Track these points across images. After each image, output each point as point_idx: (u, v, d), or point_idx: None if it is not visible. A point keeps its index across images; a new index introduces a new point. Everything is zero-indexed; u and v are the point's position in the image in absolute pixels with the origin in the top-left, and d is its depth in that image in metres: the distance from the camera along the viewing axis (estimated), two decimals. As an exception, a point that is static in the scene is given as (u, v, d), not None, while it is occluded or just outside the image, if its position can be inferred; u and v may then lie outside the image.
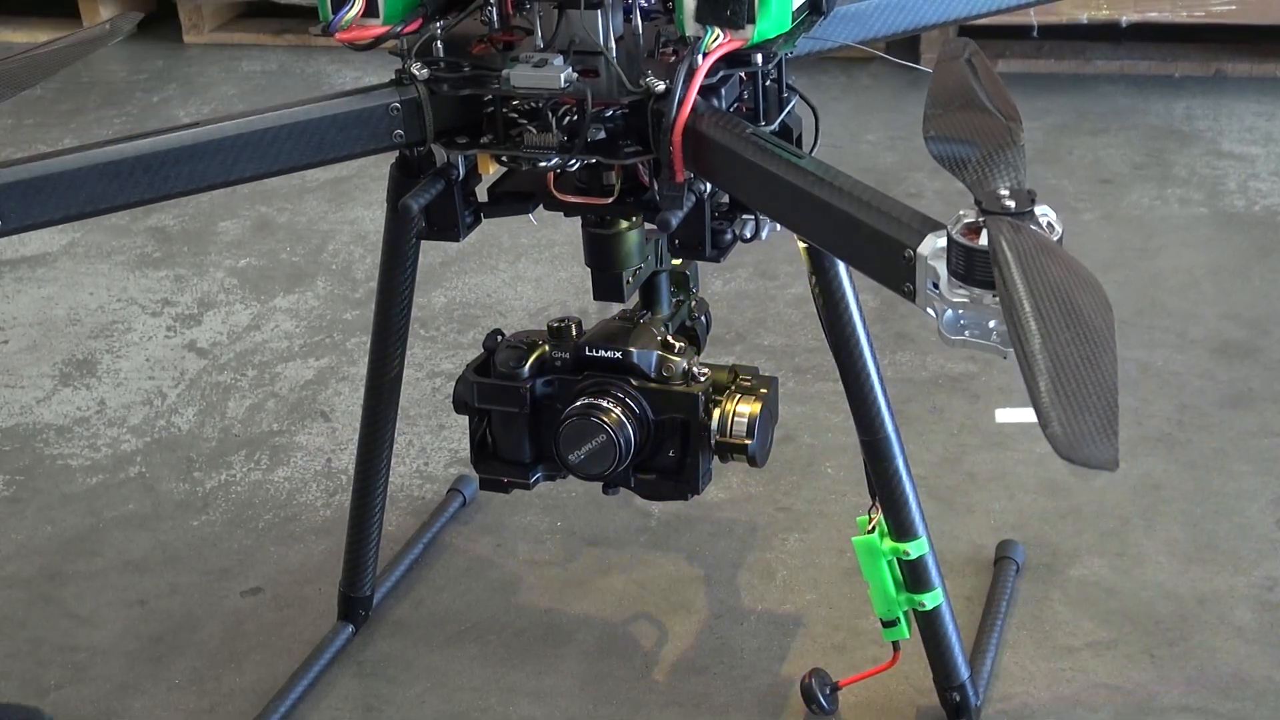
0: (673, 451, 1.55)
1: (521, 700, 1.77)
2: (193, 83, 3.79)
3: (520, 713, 1.75)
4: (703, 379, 1.53)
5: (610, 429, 1.50)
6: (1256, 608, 1.84)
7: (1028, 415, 2.22)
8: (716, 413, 1.53)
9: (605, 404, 1.51)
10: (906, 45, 3.53)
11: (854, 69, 3.60)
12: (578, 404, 1.52)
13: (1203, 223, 2.79)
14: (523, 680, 1.80)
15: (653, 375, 1.53)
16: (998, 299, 1.07)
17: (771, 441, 1.57)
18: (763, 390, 1.54)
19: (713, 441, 1.53)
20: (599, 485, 1.58)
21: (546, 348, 1.56)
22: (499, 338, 1.59)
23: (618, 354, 1.54)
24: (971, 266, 1.11)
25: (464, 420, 1.62)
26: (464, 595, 1.94)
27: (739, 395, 1.54)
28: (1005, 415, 2.25)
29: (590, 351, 1.54)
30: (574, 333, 1.56)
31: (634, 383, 1.53)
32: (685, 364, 1.54)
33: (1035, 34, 3.45)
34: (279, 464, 2.23)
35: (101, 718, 1.78)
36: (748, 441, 1.53)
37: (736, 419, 1.53)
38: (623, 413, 1.51)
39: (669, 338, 1.56)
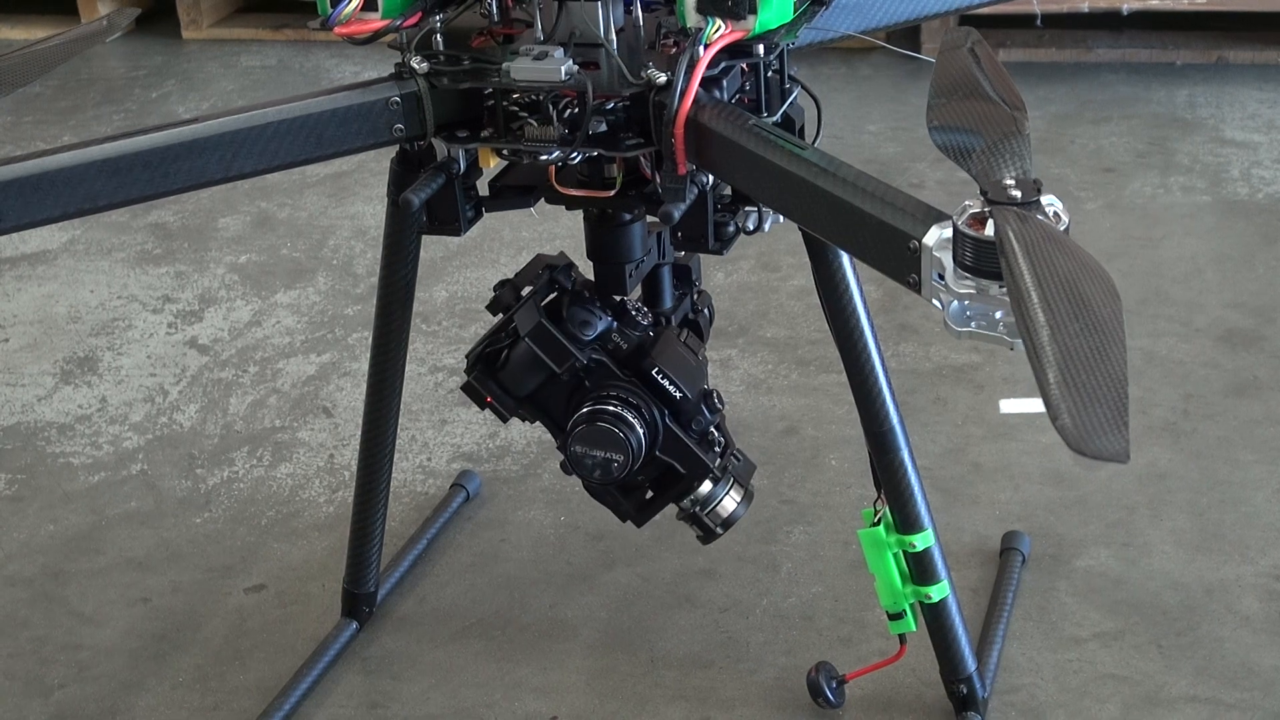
0: (642, 477, 1.54)
1: (527, 696, 1.77)
2: (191, 79, 3.79)
3: (526, 708, 1.75)
4: (717, 448, 1.54)
5: (631, 451, 1.49)
6: (1264, 597, 1.84)
7: (1032, 405, 2.22)
8: (707, 485, 1.54)
9: (637, 425, 1.50)
10: (907, 35, 3.52)
11: (854, 59, 3.59)
12: (611, 409, 1.50)
13: (1206, 211, 2.78)
14: (528, 676, 1.79)
15: (681, 419, 1.53)
16: (1004, 290, 1.06)
17: None
18: (749, 482, 1.57)
19: (691, 501, 1.54)
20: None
21: (615, 324, 1.53)
22: (573, 272, 1.55)
23: (679, 393, 1.52)
24: (978, 257, 1.10)
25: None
26: (468, 591, 1.94)
27: (734, 481, 1.55)
28: (1010, 406, 2.24)
29: (656, 375, 1.52)
30: (641, 319, 1.54)
31: (666, 416, 1.52)
32: (712, 420, 1.54)
33: (1039, 23, 3.44)
34: (281, 460, 2.23)
35: (105, 716, 1.78)
36: (719, 531, 1.56)
37: (720, 509, 1.55)
38: (645, 438, 1.50)
39: (715, 394, 1.55)
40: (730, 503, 1.55)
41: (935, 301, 1.15)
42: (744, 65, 1.40)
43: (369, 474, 1.75)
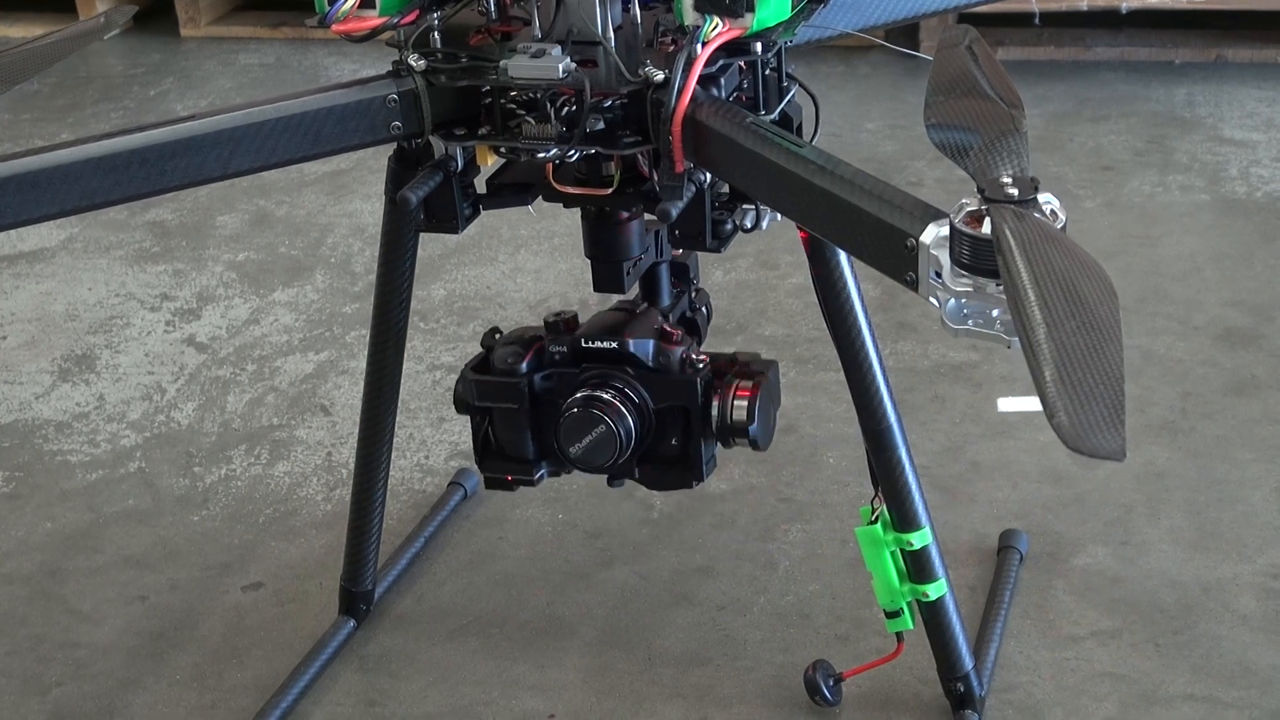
0: (675, 439, 1.54)
1: (524, 694, 1.77)
2: (190, 76, 3.78)
3: (523, 706, 1.75)
4: (701, 366, 1.53)
5: (609, 419, 1.49)
6: (1261, 595, 1.84)
7: (1030, 404, 2.21)
8: (716, 398, 1.53)
9: (605, 395, 1.51)
10: (906, 33, 3.52)
11: (853, 57, 3.59)
12: (577, 396, 1.52)
13: (1204, 209, 2.78)
14: (526, 673, 1.79)
15: (650, 364, 1.53)
16: (1001, 288, 1.06)
17: (774, 425, 1.56)
18: (762, 374, 1.54)
19: (714, 426, 1.53)
20: (600, 477, 1.58)
21: (544, 342, 1.56)
22: (496, 335, 1.59)
23: (614, 344, 1.53)
24: (975, 255, 1.10)
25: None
26: (466, 589, 1.94)
27: (737, 380, 1.54)
28: (1007, 404, 2.24)
29: (588, 344, 1.54)
30: (570, 326, 1.56)
31: (631, 372, 1.52)
32: (683, 351, 1.53)
33: (1038, 21, 3.44)
34: (279, 458, 2.23)
35: (103, 714, 1.78)
36: (749, 424, 1.52)
37: (736, 402, 1.52)
38: (622, 403, 1.51)
39: (666, 326, 1.56)
40: (743, 402, 1.54)
41: (932, 299, 1.15)
42: (742, 63, 1.40)
43: (367, 472, 1.75)
